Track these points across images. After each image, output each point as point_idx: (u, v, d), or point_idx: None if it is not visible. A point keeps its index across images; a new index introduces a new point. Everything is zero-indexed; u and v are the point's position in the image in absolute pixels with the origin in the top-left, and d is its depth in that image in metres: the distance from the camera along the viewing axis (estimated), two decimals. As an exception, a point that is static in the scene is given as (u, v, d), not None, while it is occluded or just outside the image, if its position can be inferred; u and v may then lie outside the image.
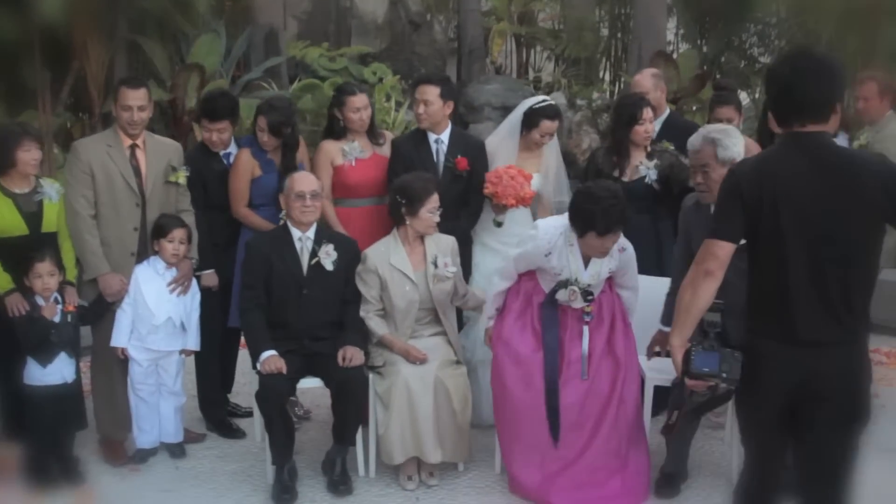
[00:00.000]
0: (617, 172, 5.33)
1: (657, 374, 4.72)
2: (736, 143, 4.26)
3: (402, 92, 10.84)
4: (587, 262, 4.55)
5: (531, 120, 5.36)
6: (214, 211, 5.29)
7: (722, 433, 5.13)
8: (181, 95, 9.69)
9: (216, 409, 5.47)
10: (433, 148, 5.31)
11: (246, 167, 5.27)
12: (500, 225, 5.36)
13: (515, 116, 5.45)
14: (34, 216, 4.87)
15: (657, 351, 4.65)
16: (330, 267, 4.78)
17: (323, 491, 4.67)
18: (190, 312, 5.06)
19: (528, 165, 5.34)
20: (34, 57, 8.36)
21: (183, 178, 5.06)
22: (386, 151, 5.43)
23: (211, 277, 5.25)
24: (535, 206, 5.43)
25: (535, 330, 4.60)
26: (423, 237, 4.88)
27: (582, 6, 12.10)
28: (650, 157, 5.35)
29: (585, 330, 4.58)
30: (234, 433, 5.36)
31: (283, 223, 4.89)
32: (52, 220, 4.92)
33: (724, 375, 3.11)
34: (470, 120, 11.09)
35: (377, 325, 4.81)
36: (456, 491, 4.70)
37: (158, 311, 4.95)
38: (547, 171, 5.48)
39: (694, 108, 9.44)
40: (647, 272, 4.88)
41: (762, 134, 5.79)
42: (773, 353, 3.11)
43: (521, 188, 5.13)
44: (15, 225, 4.78)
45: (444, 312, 4.89)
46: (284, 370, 4.56)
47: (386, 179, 5.29)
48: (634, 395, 4.59)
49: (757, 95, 8.38)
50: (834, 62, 3.12)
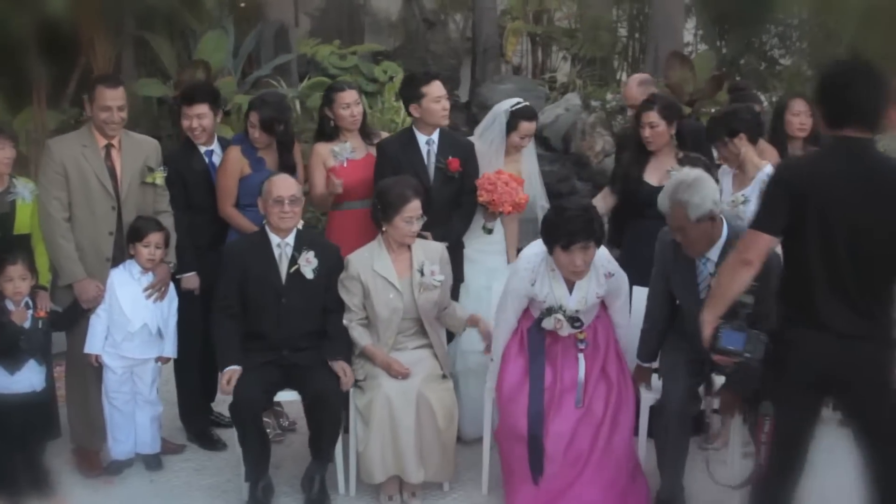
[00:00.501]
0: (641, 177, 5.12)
1: (656, 393, 4.44)
2: (706, 195, 3.98)
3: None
4: (571, 287, 4.33)
5: (509, 123, 5.18)
6: (196, 211, 5.09)
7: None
8: (186, 92, 9.52)
9: (197, 418, 5.26)
10: (424, 150, 5.06)
11: (235, 165, 5.07)
12: (490, 232, 5.15)
13: (497, 120, 5.23)
14: (6, 217, 4.70)
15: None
16: (310, 275, 4.55)
17: (299, 510, 4.46)
18: (167, 318, 4.86)
19: (509, 171, 5.11)
20: (31, 52, 8.18)
21: (160, 178, 4.86)
22: None
23: (192, 280, 5.04)
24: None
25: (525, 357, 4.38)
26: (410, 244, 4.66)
27: (599, 5, 11.81)
28: (681, 163, 5.08)
29: (581, 358, 4.35)
30: (214, 445, 5.15)
31: (261, 228, 4.67)
32: (24, 221, 4.75)
33: (747, 355, 3.32)
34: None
35: (360, 335, 4.58)
36: (438, 512, 4.48)
37: (134, 317, 4.75)
38: (527, 176, 5.26)
39: (712, 110, 9.12)
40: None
41: (775, 136, 5.54)
42: (803, 341, 3.31)
43: (516, 194, 4.92)
44: (-15, 226, 4.60)
45: (429, 323, 4.64)
46: (232, 384, 4.37)
47: None
48: (629, 421, 4.34)
49: (775, 98, 8.08)
50: (884, 71, 3.30)
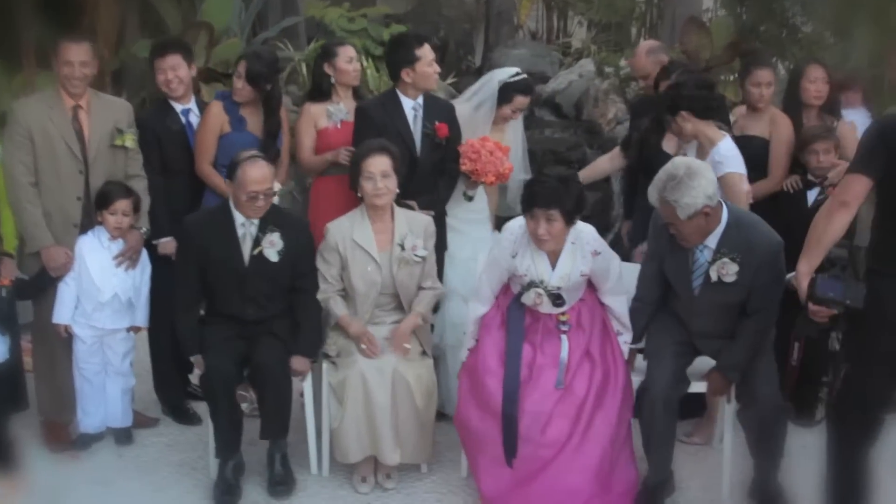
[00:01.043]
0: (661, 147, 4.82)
1: (641, 375, 4.18)
2: (696, 193, 3.71)
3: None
4: (555, 263, 4.09)
5: (503, 94, 4.94)
6: (172, 174, 4.88)
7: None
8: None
9: (171, 391, 5.07)
10: (410, 115, 4.79)
11: (216, 121, 4.86)
12: (470, 199, 4.91)
13: (490, 88, 4.98)
14: (-31, 182, 4.50)
15: None
16: (274, 258, 4.26)
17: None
18: (139, 287, 4.66)
19: (493, 139, 4.85)
20: (25, 12, 7.98)
21: (131, 141, 4.64)
22: None
23: (168, 245, 4.82)
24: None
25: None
26: (393, 214, 4.41)
27: (616, -32, 11.41)
28: None
29: (564, 339, 4.10)
30: (188, 419, 4.96)
31: (224, 203, 4.38)
32: (-11, 185, 4.56)
33: (847, 302, 3.28)
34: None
35: (337, 305, 4.36)
36: (414, 496, 4.26)
37: (104, 285, 4.55)
38: (512, 146, 4.98)
39: (731, 77, 8.77)
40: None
41: (790, 104, 5.23)
42: (892, 292, 3.29)
43: (500, 164, 4.67)
44: (-53, 191, 4.42)
45: (408, 300, 4.40)
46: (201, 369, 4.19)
47: None
48: (617, 404, 4.07)
49: (793, 66, 7.73)
50: None
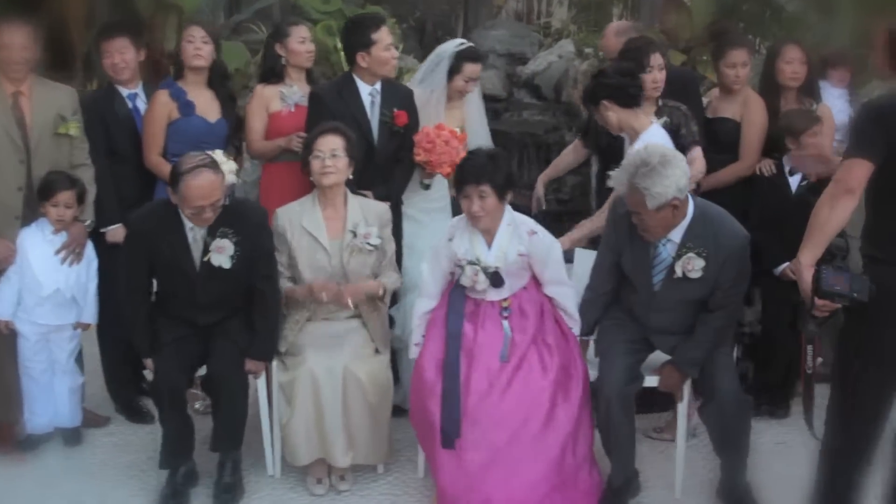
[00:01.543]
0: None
1: (594, 370, 4.02)
2: (669, 183, 3.54)
3: (402, 37, 10.13)
4: (491, 243, 3.97)
5: (453, 66, 4.74)
6: (119, 161, 4.70)
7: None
8: (158, 38, 9.11)
9: (123, 388, 4.89)
10: (367, 101, 4.60)
11: (162, 110, 4.68)
12: (427, 188, 4.76)
13: (441, 67, 4.79)
14: None
15: None
16: (227, 264, 3.99)
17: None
18: (85, 283, 4.46)
19: (450, 120, 4.71)
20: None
21: (75, 128, 4.45)
22: None
23: (117, 233, 4.64)
24: None
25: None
26: (347, 201, 4.23)
27: (597, -56, 11.18)
28: (658, 113, 4.61)
29: (505, 324, 3.96)
30: (141, 417, 4.79)
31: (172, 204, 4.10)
32: (-74, 176, 4.35)
33: (854, 295, 3.07)
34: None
35: (283, 284, 4.20)
36: (369, 498, 4.09)
37: (46, 280, 4.36)
38: (472, 126, 4.84)
39: (706, 58, 8.59)
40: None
41: (766, 86, 5.05)
42: (890, 279, 3.09)
43: (456, 154, 4.48)
44: None
45: (361, 292, 4.23)
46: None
47: None
48: (579, 397, 3.90)
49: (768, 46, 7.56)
50: None
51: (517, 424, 3.80)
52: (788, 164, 4.77)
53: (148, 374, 4.78)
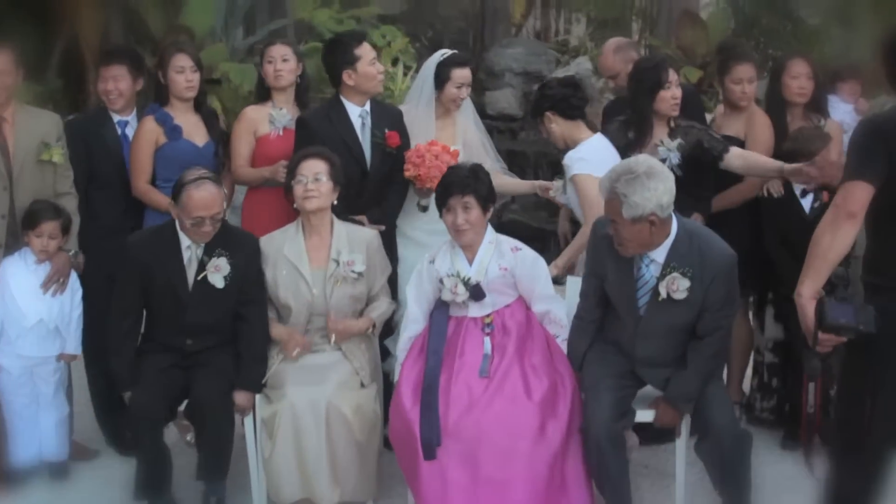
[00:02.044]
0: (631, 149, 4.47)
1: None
2: (649, 196, 3.41)
3: (416, 56, 10.04)
4: (472, 259, 3.94)
5: (440, 75, 4.60)
6: (99, 187, 4.64)
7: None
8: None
9: (112, 419, 4.75)
10: (357, 123, 4.48)
11: (149, 136, 4.60)
12: (425, 209, 4.58)
13: (428, 83, 4.65)
14: None
15: None
16: (220, 284, 3.98)
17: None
18: (69, 313, 4.37)
19: (443, 137, 4.58)
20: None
21: (59, 155, 4.36)
22: None
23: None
24: None
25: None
26: (333, 228, 4.11)
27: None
28: (673, 134, 4.46)
29: (487, 340, 3.87)
30: (130, 449, 4.65)
31: (171, 223, 4.11)
32: None
33: (860, 328, 2.90)
34: (489, 86, 10.24)
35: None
36: (357, 535, 3.95)
37: (29, 310, 4.27)
38: (467, 141, 4.71)
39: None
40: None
41: (772, 102, 4.84)
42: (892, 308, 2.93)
43: (447, 168, 4.32)
44: None
45: (344, 323, 4.11)
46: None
47: None
48: (569, 412, 3.73)
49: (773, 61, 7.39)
50: None
51: (504, 444, 3.63)
52: (799, 186, 4.56)
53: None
